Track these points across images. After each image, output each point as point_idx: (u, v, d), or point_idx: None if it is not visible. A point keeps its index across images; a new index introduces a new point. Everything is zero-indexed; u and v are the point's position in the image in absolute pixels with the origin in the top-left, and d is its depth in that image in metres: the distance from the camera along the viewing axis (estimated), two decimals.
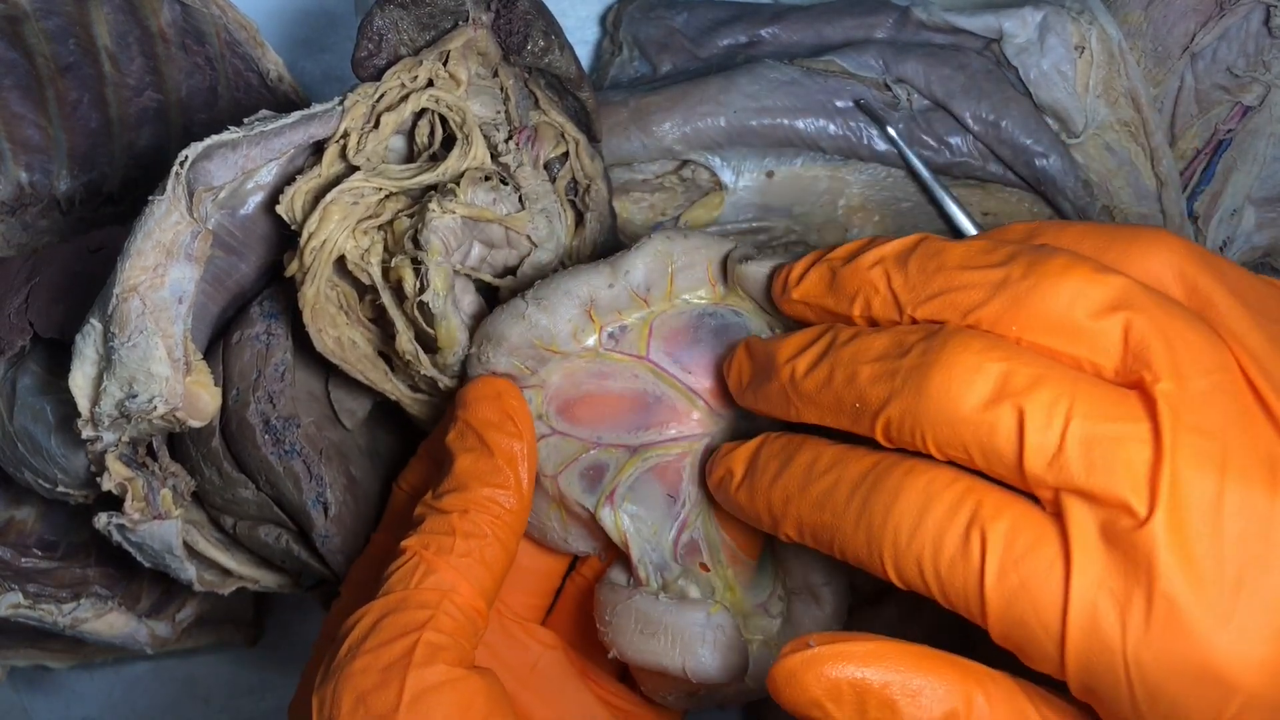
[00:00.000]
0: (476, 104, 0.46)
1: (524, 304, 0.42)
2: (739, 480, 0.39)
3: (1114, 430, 0.32)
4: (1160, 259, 0.35)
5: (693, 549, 0.43)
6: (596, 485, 0.42)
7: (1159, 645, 0.31)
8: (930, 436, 0.34)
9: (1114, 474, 0.32)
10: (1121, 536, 0.31)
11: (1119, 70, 0.54)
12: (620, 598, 0.42)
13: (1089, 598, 0.31)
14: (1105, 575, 0.31)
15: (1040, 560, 0.32)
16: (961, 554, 0.33)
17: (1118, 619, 0.31)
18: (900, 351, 0.35)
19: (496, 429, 0.41)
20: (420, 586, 0.38)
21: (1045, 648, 0.32)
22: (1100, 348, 0.33)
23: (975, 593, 0.33)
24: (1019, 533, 0.32)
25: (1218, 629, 0.31)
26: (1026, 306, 0.33)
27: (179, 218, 0.42)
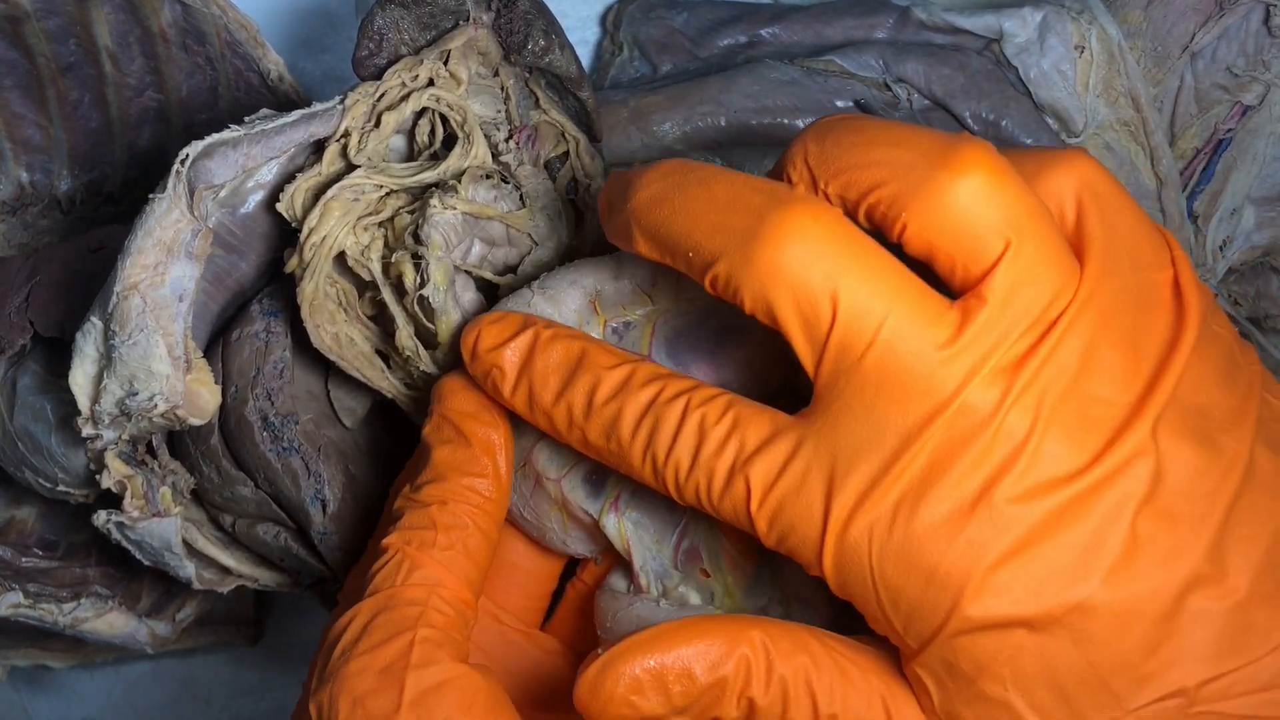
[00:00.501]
0: (477, 103, 0.46)
1: (530, 293, 0.42)
2: (513, 383, 0.39)
3: (911, 346, 0.33)
4: (1068, 181, 0.36)
5: (693, 555, 0.43)
6: (600, 491, 0.42)
7: (898, 554, 0.33)
8: (749, 296, 0.34)
9: (905, 394, 0.33)
10: (882, 450, 0.33)
11: (1119, 70, 0.54)
12: (621, 605, 0.42)
13: (841, 517, 0.34)
14: (857, 495, 0.34)
15: (794, 482, 0.34)
16: (728, 488, 0.35)
17: (866, 530, 0.33)
18: (744, 206, 0.35)
19: (473, 419, 0.41)
20: (407, 583, 0.38)
21: (809, 559, 0.35)
22: (975, 258, 0.33)
23: (746, 518, 0.35)
24: (776, 460, 0.35)
25: (949, 541, 0.33)
26: (923, 196, 0.33)
27: (180, 216, 0.42)
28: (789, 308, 0.34)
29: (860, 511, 0.33)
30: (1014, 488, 0.33)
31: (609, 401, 0.37)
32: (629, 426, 0.37)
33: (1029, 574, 0.33)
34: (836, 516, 0.34)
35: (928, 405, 0.33)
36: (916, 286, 0.34)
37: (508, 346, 0.40)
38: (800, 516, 0.34)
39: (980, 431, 0.33)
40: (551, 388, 0.39)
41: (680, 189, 0.36)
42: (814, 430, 0.34)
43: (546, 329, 0.39)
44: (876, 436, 0.33)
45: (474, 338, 0.40)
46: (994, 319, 0.33)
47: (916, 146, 0.34)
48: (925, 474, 0.33)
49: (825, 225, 0.34)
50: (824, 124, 0.36)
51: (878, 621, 0.35)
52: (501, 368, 0.39)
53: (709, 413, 0.36)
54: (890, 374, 0.33)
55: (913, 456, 0.33)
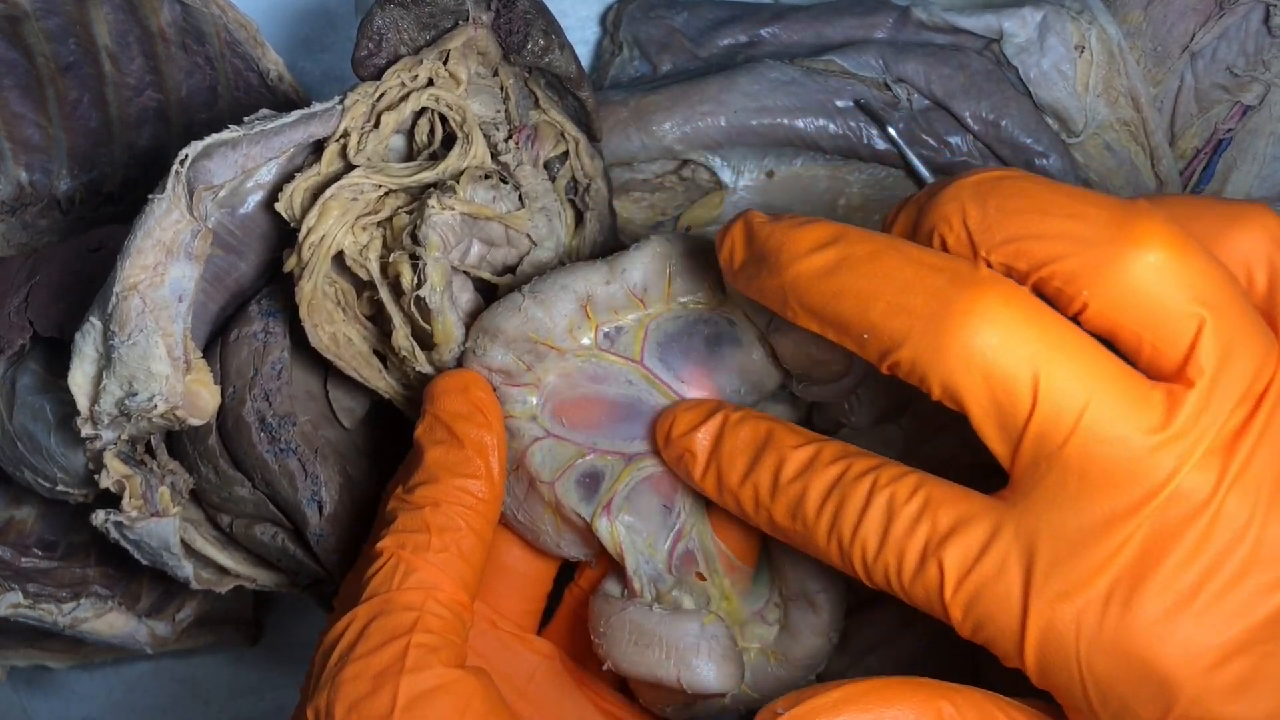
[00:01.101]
0: (476, 103, 0.46)
1: (521, 297, 0.42)
2: (703, 466, 0.39)
3: (1118, 432, 0.32)
4: (1256, 239, 0.34)
5: (688, 559, 0.43)
6: (593, 495, 0.42)
7: (1109, 648, 0.32)
8: (937, 383, 0.33)
9: (1112, 482, 0.32)
10: (1087, 539, 0.32)
11: (1119, 70, 0.54)
12: (614, 609, 0.42)
13: (1044, 608, 0.32)
14: (1063, 585, 0.32)
15: (992, 570, 0.33)
16: (920, 571, 0.34)
17: (1073, 622, 0.32)
18: (926, 288, 0.33)
19: (465, 420, 0.41)
20: (402, 587, 0.38)
21: (1007, 649, 0.33)
22: (1166, 337, 0.32)
23: (939, 604, 0.34)
24: (972, 546, 0.33)
25: (1166, 637, 0.31)
26: (1105, 273, 0.32)
27: (179, 216, 0.42)
28: (982, 395, 0.33)
29: (1066, 602, 0.32)
30: (1238, 580, 0.31)
31: (794, 481, 0.37)
32: (814, 505, 0.36)
33: (1255, 676, 0.31)
34: (1038, 605, 0.32)
35: (1138, 492, 0.32)
36: (1118, 369, 0.32)
37: (699, 430, 0.40)
38: (999, 605, 0.33)
39: (1197, 518, 0.31)
40: (739, 469, 0.38)
41: (849, 265, 0.34)
42: (1014, 516, 0.33)
43: (735, 412, 0.39)
44: (1082, 525, 0.32)
45: (669, 424, 0.41)
46: (1202, 401, 0.32)
47: (1093, 219, 0.32)
48: (1138, 564, 0.32)
49: (1018, 308, 0.33)
50: (984, 183, 0.34)
51: (1081, 715, 0.34)
52: (693, 452, 0.40)
53: (898, 491, 0.35)
54: (1096, 461, 0.32)
55: (1123, 544, 0.32)
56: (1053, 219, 0.33)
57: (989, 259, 0.34)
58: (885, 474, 0.35)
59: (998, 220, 0.33)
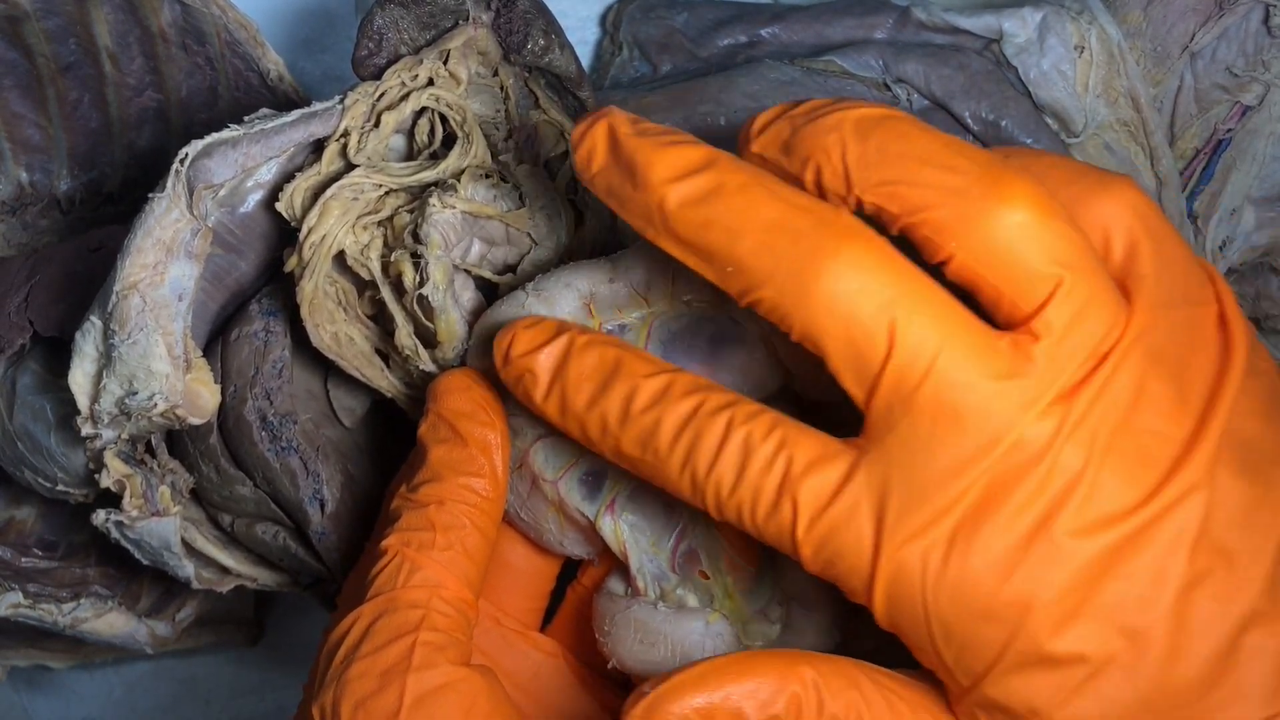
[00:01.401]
0: (476, 103, 0.46)
1: (524, 295, 0.42)
2: (545, 388, 0.38)
3: (967, 378, 0.33)
4: (1117, 210, 0.35)
5: (692, 557, 0.43)
6: (596, 493, 0.42)
7: (952, 588, 0.33)
8: (798, 325, 0.34)
9: (959, 426, 0.33)
10: (936, 483, 0.33)
11: (1118, 70, 0.54)
12: (618, 608, 0.42)
13: (893, 550, 0.33)
14: (911, 528, 0.33)
15: (844, 510, 0.34)
16: (774, 510, 0.35)
17: (919, 563, 0.33)
18: (792, 230, 0.34)
19: (469, 419, 0.41)
20: (407, 586, 0.38)
21: (855, 588, 0.34)
22: (1023, 293, 0.33)
23: (790, 542, 0.35)
24: (826, 487, 0.34)
25: (1004, 576, 0.33)
26: (972, 228, 0.33)
27: (179, 215, 0.42)
28: (840, 339, 0.33)
29: (914, 542, 0.33)
30: (1071, 522, 0.33)
31: (646, 411, 0.37)
32: (667, 438, 0.36)
33: (1086, 610, 0.33)
34: (889, 547, 0.33)
35: (982, 438, 0.33)
36: (969, 320, 0.34)
37: (542, 351, 0.39)
38: (849, 545, 0.34)
39: (1035, 465, 0.33)
40: (585, 394, 0.38)
41: (719, 196, 0.35)
42: (867, 459, 0.34)
43: (582, 334, 0.39)
44: (930, 468, 0.33)
45: (508, 341, 0.39)
46: (1048, 354, 0.33)
47: (966, 173, 0.33)
48: (980, 507, 0.33)
49: (879, 257, 0.33)
50: (866, 120, 0.35)
51: (927, 655, 0.35)
52: (535, 372, 0.39)
53: (755, 429, 0.35)
54: (945, 406, 0.33)
55: (967, 489, 0.33)
56: (929, 169, 0.34)
57: (862, 197, 0.34)
58: (741, 411, 0.36)
59: (876, 161, 0.34)
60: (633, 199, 0.36)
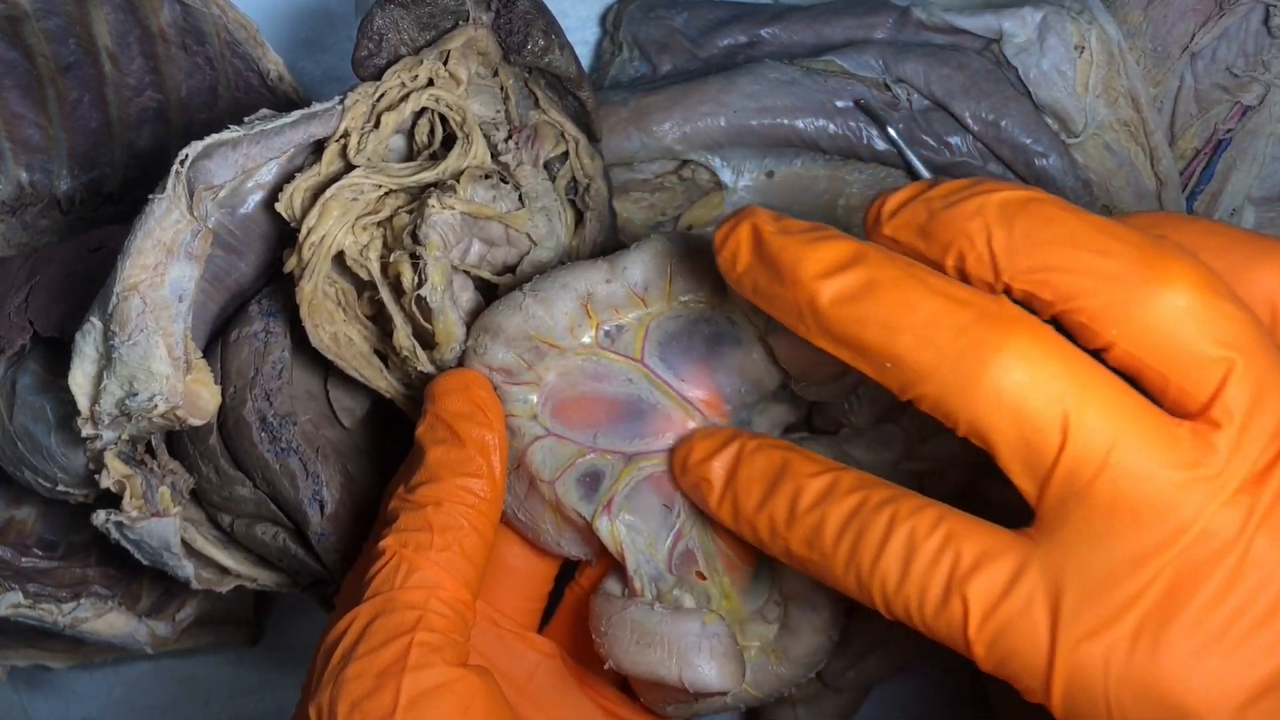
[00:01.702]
0: (476, 103, 0.46)
1: (522, 296, 0.42)
2: (719, 494, 0.39)
3: (1146, 470, 0.32)
4: (1278, 276, 0.35)
5: (689, 558, 0.43)
6: (593, 494, 0.42)
7: (1138, 687, 0.32)
8: (964, 420, 0.33)
9: (1140, 519, 0.32)
10: (1115, 577, 0.32)
11: (1119, 70, 0.54)
12: (615, 608, 0.42)
13: (1071, 646, 0.32)
14: (1090, 624, 0.32)
15: (1018, 606, 0.33)
16: (944, 606, 0.34)
17: (1101, 660, 0.32)
18: (953, 324, 0.33)
19: (467, 419, 0.41)
20: (405, 586, 0.38)
21: (1032, 686, 0.33)
22: (1193, 379, 0.32)
23: (961, 640, 0.34)
24: (997, 582, 0.33)
25: (1195, 675, 0.31)
26: (1133, 314, 0.32)
27: (179, 216, 0.42)
28: (1010, 433, 0.33)
29: (1094, 640, 0.32)
30: (1268, 620, 0.31)
31: (811, 510, 0.36)
32: (832, 535, 0.36)
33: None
34: (1066, 643, 0.32)
35: (1166, 530, 0.32)
36: (1147, 408, 0.33)
37: (715, 459, 0.39)
38: (1024, 641, 0.33)
39: (1224, 556, 0.31)
40: (754, 497, 0.38)
41: (872, 293, 0.34)
42: (1040, 553, 0.33)
43: (751, 440, 0.39)
44: (1109, 563, 0.32)
45: (685, 451, 0.40)
46: (1231, 441, 0.32)
47: (1122, 256, 0.32)
48: (1166, 602, 0.32)
49: (1047, 347, 0.33)
50: (1010, 204, 0.34)
51: None
52: (710, 480, 0.39)
53: (919, 524, 0.34)
54: (1124, 499, 0.32)
55: (1151, 582, 0.32)
56: (1082, 253, 0.33)
57: (1011, 285, 0.34)
58: (905, 505, 0.35)
59: (1024, 247, 0.33)
60: (782, 297, 0.36)
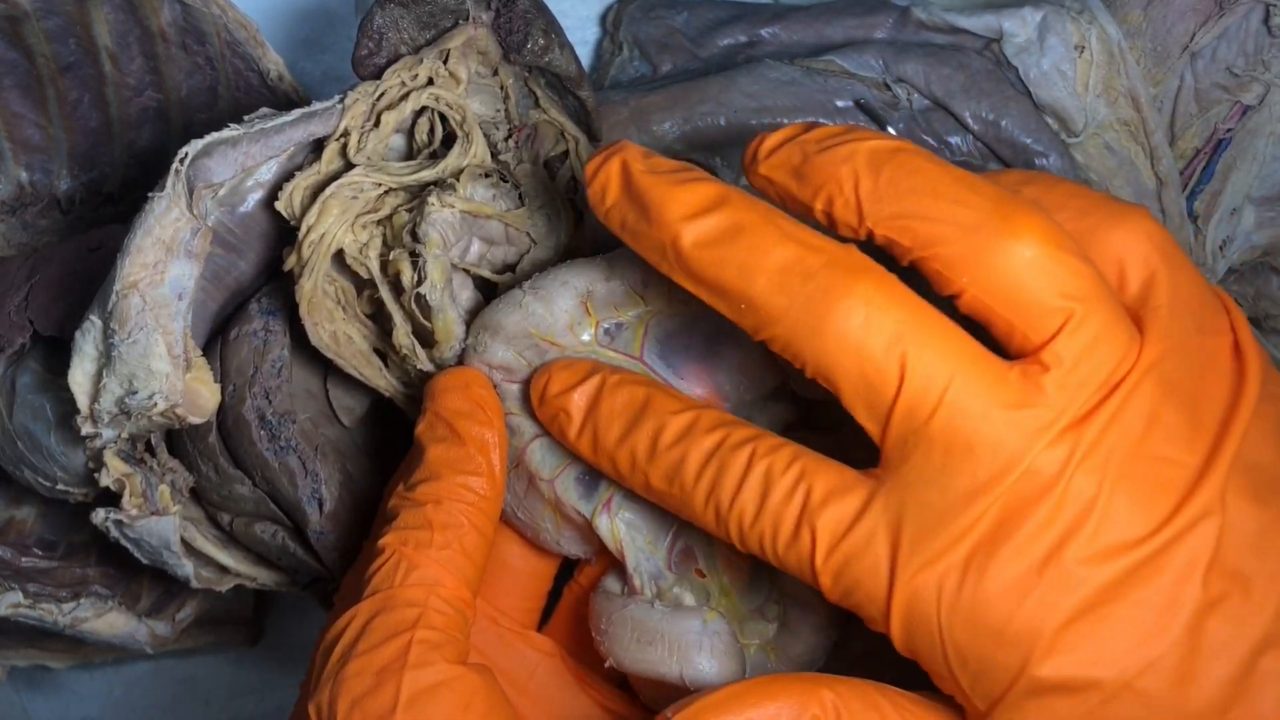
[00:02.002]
0: (476, 102, 0.46)
1: (521, 294, 0.42)
2: (578, 426, 0.40)
3: (978, 408, 0.34)
4: (1132, 240, 0.36)
5: (688, 555, 0.43)
6: (593, 492, 0.42)
7: (967, 613, 0.33)
8: (811, 362, 0.35)
9: (971, 455, 0.34)
10: (950, 511, 0.34)
11: (1119, 70, 0.54)
12: (615, 607, 0.42)
13: (909, 577, 0.34)
14: (926, 556, 0.34)
15: (862, 540, 0.34)
16: (794, 540, 0.35)
17: (934, 589, 0.34)
18: (804, 270, 0.35)
19: (466, 418, 0.41)
20: (405, 584, 0.38)
21: (873, 615, 0.35)
22: (1035, 327, 0.34)
23: (809, 571, 0.35)
24: (844, 517, 0.35)
25: (1018, 602, 0.33)
26: (983, 262, 0.34)
27: (179, 214, 0.42)
28: (852, 374, 0.34)
29: (929, 569, 0.34)
30: (1084, 549, 0.33)
31: (673, 446, 0.37)
32: (692, 472, 0.37)
33: (1100, 635, 0.33)
34: (904, 574, 0.34)
35: (995, 466, 0.33)
36: (979, 352, 0.34)
37: (575, 391, 0.40)
38: (866, 573, 0.34)
39: (1048, 492, 0.33)
40: (615, 431, 0.39)
41: (731, 238, 0.36)
42: (883, 489, 0.34)
43: (613, 374, 0.40)
44: (944, 497, 0.34)
45: (543, 382, 0.41)
46: (1058, 383, 0.33)
47: (978, 208, 0.34)
48: (993, 533, 0.33)
49: (889, 292, 0.34)
50: (879, 153, 0.35)
51: (944, 680, 0.35)
52: (568, 411, 0.40)
53: (775, 462, 0.36)
54: (958, 435, 0.33)
55: (980, 516, 0.33)
56: (941, 203, 0.34)
57: (874, 229, 0.35)
58: (763, 444, 0.36)
59: (889, 195, 0.35)
60: (646, 235, 0.37)
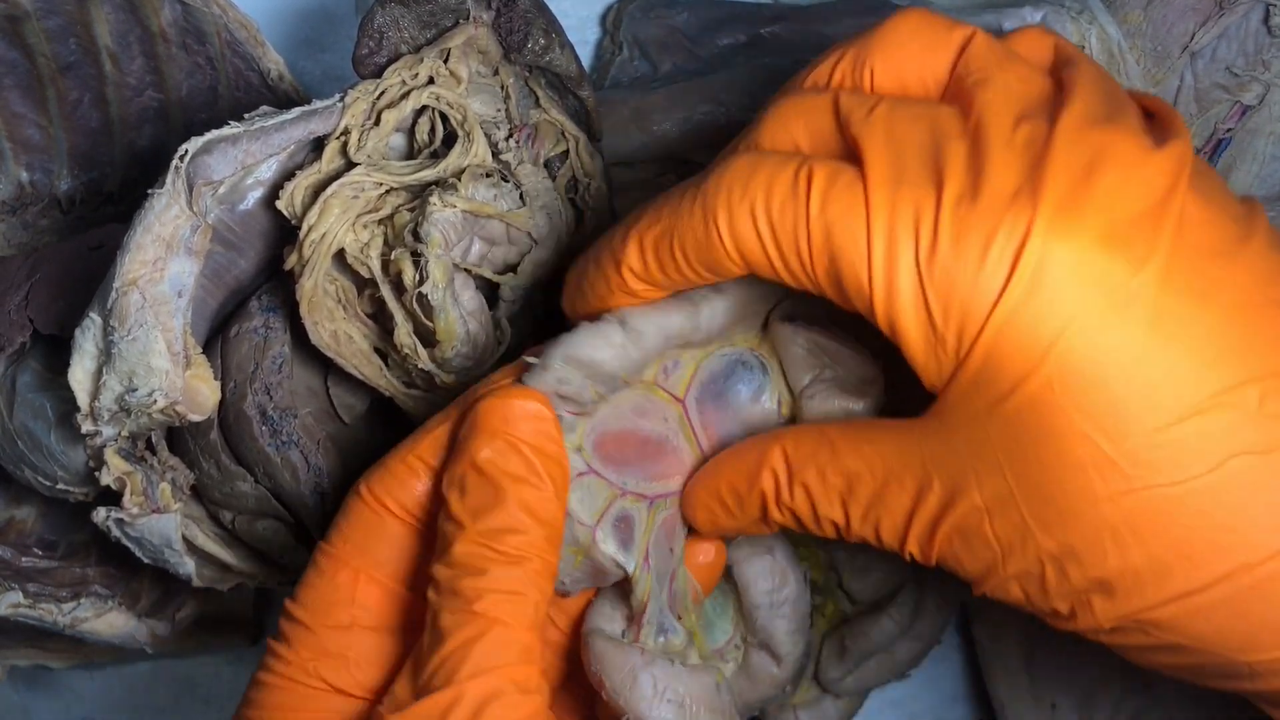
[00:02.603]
0: (477, 102, 0.46)
1: (618, 331, 0.39)
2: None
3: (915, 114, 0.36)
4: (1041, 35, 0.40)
5: (676, 599, 0.42)
6: (630, 543, 0.40)
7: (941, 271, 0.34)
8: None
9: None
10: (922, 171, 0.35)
11: (1119, 70, 0.54)
12: (631, 659, 0.41)
13: (889, 224, 0.34)
14: (909, 208, 0.34)
15: (845, 188, 0.34)
16: (791, 193, 0.35)
17: (911, 240, 0.34)
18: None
19: (545, 456, 0.38)
20: (516, 662, 0.36)
21: (859, 277, 0.34)
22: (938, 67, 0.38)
23: (804, 229, 0.35)
24: (840, 171, 0.35)
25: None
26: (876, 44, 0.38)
27: (179, 211, 0.42)
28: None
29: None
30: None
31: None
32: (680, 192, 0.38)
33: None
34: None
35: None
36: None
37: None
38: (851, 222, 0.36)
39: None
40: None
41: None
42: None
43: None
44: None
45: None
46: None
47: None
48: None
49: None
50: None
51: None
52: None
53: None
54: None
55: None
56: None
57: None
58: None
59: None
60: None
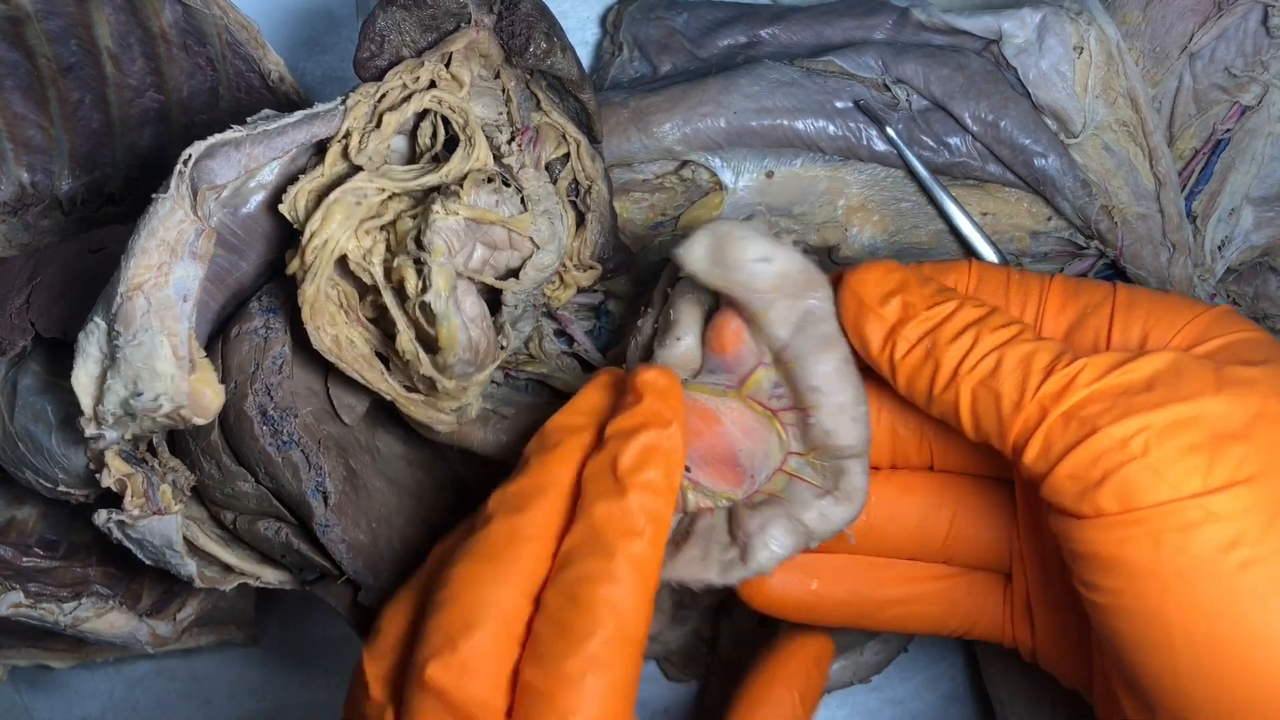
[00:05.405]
0: (479, 105, 0.46)
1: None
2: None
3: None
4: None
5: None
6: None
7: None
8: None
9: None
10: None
11: (1117, 70, 0.54)
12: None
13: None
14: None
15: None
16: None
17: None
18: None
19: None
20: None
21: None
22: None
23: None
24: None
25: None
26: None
27: (183, 216, 0.42)
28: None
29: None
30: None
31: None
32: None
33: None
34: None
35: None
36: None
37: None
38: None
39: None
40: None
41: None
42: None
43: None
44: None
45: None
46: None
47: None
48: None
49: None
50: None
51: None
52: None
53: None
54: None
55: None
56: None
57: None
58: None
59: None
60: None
